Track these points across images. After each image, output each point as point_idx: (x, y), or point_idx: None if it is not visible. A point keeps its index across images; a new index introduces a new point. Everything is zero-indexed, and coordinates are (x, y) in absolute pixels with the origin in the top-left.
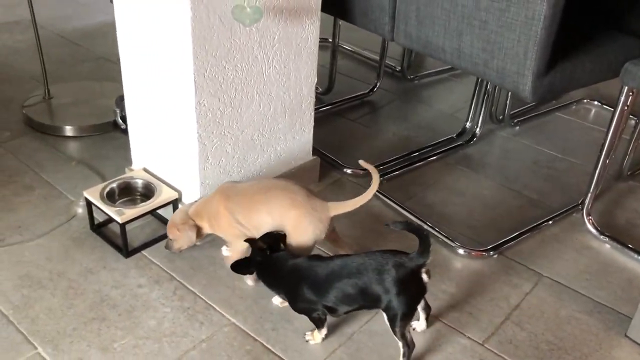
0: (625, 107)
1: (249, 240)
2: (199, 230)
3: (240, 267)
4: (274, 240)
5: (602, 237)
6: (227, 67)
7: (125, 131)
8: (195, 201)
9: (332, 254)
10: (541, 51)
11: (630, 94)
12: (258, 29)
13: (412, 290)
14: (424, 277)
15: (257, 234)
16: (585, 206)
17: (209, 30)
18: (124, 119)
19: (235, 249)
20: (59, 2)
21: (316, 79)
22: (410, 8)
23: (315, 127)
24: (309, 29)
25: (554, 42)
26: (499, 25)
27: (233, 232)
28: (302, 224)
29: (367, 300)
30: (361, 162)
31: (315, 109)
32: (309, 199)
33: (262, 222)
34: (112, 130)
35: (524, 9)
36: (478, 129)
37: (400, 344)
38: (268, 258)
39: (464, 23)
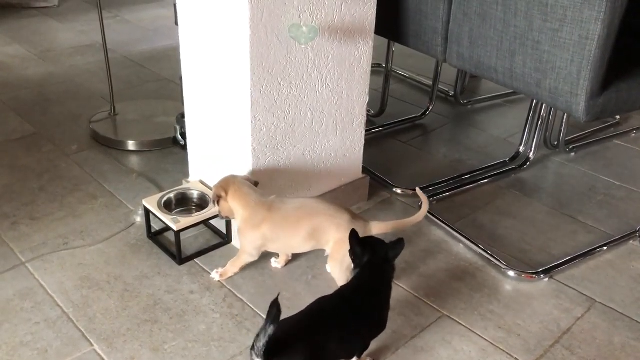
0: None
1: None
2: (219, 200)
3: None
4: None
5: None
6: (282, 84)
7: (183, 147)
8: (251, 180)
9: None
10: (595, 71)
11: None
12: (313, 48)
13: None
14: None
15: (286, 253)
16: None
17: (266, 48)
18: (183, 135)
19: (237, 262)
20: (128, 28)
21: (368, 99)
22: (463, 29)
23: (366, 147)
24: (362, 50)
25: (609, 62)
26: (552, 45)
27: (252, 247)
28: (344, 249)
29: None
30: (417, 190)
31: (367, 130)
32: (353, 223)
33: (299, 245)
34: (172, 145)
35: (578, 29)
36: (532, 154)
37: None
38: None
39: (517, 43)
